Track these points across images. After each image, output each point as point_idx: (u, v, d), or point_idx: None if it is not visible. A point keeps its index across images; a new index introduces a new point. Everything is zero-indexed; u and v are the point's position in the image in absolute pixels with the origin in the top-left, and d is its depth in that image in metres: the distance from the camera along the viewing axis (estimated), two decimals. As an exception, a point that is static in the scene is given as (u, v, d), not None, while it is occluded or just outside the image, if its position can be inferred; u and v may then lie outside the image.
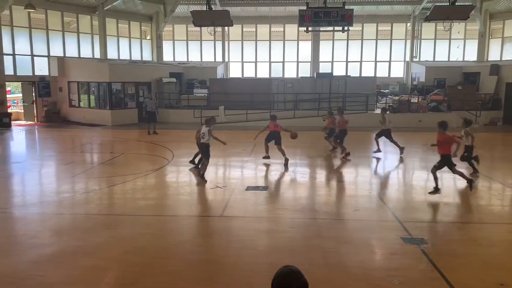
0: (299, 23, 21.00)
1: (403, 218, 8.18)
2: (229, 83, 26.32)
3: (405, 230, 7.55)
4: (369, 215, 8.57)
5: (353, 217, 8.42)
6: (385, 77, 29.49)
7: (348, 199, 9.92)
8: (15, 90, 31.42)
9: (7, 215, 8.66)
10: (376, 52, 30.07)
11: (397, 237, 7.21)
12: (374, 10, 29.08)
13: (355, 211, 8.73)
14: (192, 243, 7.11)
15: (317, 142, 17.85)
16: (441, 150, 9.58)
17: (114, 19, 27.68)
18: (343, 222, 8.24)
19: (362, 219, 8.31)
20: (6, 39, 22.16)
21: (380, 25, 29.90)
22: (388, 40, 30.14)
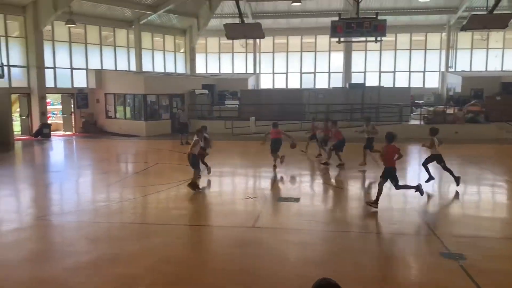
0: (331, 34, 20.91)
1: (441, 233, 7.93)
2: (260, 94, 26.46)
3: (443, 245, 7.31)
4: (405, 228, 8.35)
5: (388, 231, 8.23)
6: (419, 87, 28.92)
7: (382, 212, 9.70)
8: (55, 102, 32.61)
9: (46, 222, 8.94)
10: (410, 62, 29.59)
11: (435, 252, 6.99)
12: (407, 20, 28.69)
13: (390, 225, 8.53)
14: (225, 253, 7.12)
15: (350, 154, 17.61)
16: (386, 163, 9.44)
17: (149, 33, 28.45)
18: (377, 235, 8.07)
19: (397, 232, 8.10)
20: (48, 53, 23.11)
21: (414, 35, 29.45)
22: (423, 50, 29.62)
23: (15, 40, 22.08)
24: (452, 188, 12.28)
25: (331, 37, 21.65)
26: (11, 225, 8.63)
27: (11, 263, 6.78)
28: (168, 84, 25.10)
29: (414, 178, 13.65)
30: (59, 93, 25.26)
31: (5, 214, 9.43)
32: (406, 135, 21.37)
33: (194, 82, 26.81)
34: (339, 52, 29.68)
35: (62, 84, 24.16)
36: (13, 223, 8.74)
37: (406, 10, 27.50)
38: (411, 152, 19.11)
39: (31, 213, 9.66)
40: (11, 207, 10.23)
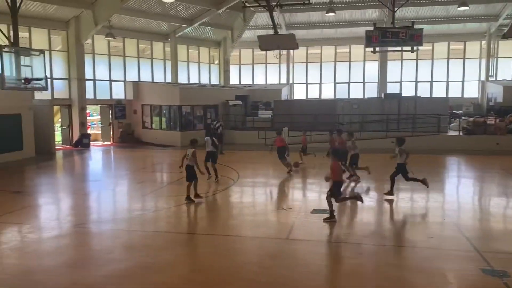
0: (365, 43, 20.71)
1: (483, 248, 7.61)
2: (293, 104, 26.43)
3: (485, 261, 7.02)
4: (444, 243, 8.07)
5: (426, 245, 7.96)
6: (458, 97, 28.10)
7: (419, 226, 9.43)
8: (94, 113, 33.69)
9: (85, 230, 9.20)
10: (448, 71, 28.84)
11: (476, 268, 6.71)
12: (445, 28, 28.07)
13: (428, 239, 8.26)
14: (258, 264, 7.09)
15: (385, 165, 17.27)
16: (333, 177, 9.41)
17: (185, 45, 29.08)
18: (414, 250, 7.82)
19: (436, 247, 7.83)
20: (88, 65, 23.99)
21: (452, 43, 28.75)
22: (461, 59, 28.82)
23: (58, 53, 23.06)
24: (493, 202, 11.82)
25: (366, 47, 21.41)
26: (52, 232, 8.93)
27: (51, 269, 7.00)
28: (203, 95, 25.50)
29: (452, 190, 13.23)
30: (98, 104, 26.10)
31: (46, 222, 9.79)
32: (445, 147, 20.81)
33: (228, 93, 27.12)
34: (374, 62, 29.32)
35: (101, 96, 24.98)
36: (53, 230, 9.05)
37: (443, 18, 26.90)
38: (449, 164, 18.56)
39: (71, 220, 9.97)
40: (52, 215, 10.60)
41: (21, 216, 10.13)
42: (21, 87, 15.18)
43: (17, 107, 18.59)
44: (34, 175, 16.37)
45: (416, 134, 21.53)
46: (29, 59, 15.39)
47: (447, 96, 27.33)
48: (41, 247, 8.08)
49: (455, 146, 20.80)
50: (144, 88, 25.88)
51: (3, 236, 8.68)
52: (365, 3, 26.10)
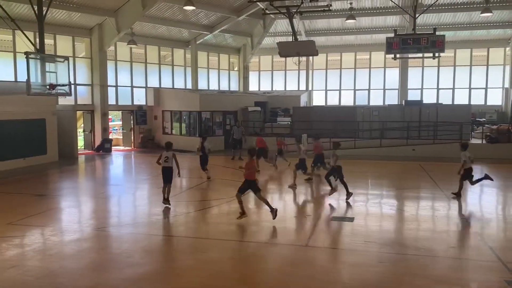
0: (386, 50, 20.55)
1: (507, 259, 7.43)
2: (312, 111, 26.34)
3: (509, 271, 6.85)
4: (466, 253, 7.92)
5: (448, 255, 7.82)
6: (481, 104, 27.57)
7: (441, 235, 9.26)
8: (115, 118, 34.22)
9: (106, 233, 9.34)
10: (471, 78, 28.33)
11: (500, 279, 6.55)
12: (468, 35, 27.64)
13: (450, 248, 8.11)
14: (278, 271, 7.07)
15: (406, 173, 17.06)
16: (247, 176, 9.69)
17: (205, 52, 29.37)
18: (436, 259, 7.68)
19: (458, 257, 7.70)
20: (111, 72, 24.44)
21: (475, 50, 28.24)
22: (484, 66, 28.28)
23: (82, 60, 23.57)
24: (519, 212, 11.55)
25: (387, 54, 21.24)
26: (73, 235, 9.09)
27: (73, 271, 7.12)
28: (222, 101, 25.67)
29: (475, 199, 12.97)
30: (120, 110, 26.52)
31: (69, 225, 9.97)
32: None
33: (247, 99, 27.23)
34: (394, 69, 29.04)
35: (123, 102, 25.39)
36: (75, 233, 9.21)
37: (466, 25, 26.49)
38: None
39: (92, 224, 10.12)
40: (74, 218, 10.80)
41: (44, 218, 10.35)
42: (46, 92, 15.51)
43: (42, 112, 19.06)
44: (57, 178, 16.71)
45: (437, 142, 21.21)
46: (54, 65, 15.73)
47: (469, 103, 26.84)
48: (63, 249, 8.23)
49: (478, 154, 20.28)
50: (165, 94, 26.20)
51: (27, 238, 8.87)
52: (385, 9, 25.93)
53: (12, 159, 17.57)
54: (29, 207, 11.34)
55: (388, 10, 25.81)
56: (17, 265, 7.29)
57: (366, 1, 25.55)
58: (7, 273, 6.98)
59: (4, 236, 8.85)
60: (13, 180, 15.32)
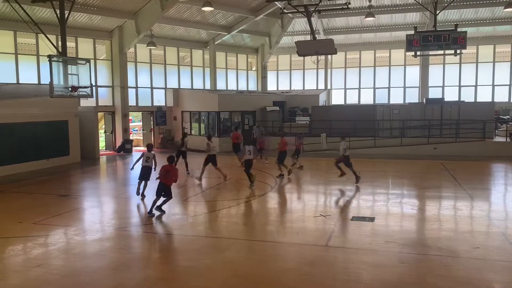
0: (406, 48, 20.27)
1: (533, 260, 7.25)
2: (331, 110, 26.18)
3: (536, 273, 6.68)
4: (491, 254, 7.74)
5: (472, 255, 7.67)
6: (504, 102, 26.94)
7: (464, 235, 9.09)
8: (135, 119, 34.66)
9: (127, 233, 9.47)
10: (494, 75, 27.70)
11: (527, 281, 6.40)
12: (490, 31, 27.03)
13: (474, 249, 7.95)
14: (298, 271, 7.06)
15: (427, 172, 16.81)
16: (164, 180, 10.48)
17: (223, 53, 29.50)
18: (460, 260, 7.54)
19: (482, 258, 7.53)
20: (131, 73, 24.77)
21: (498, 46, 27.60)
22: (508, 62, 27.61)
23: (102, 62, 23.94)
24: (545, 212, 11.26)
25: (407, 51, 20.96)
26: (96, 234, 9.25)
27: (96, 270, 7.25)
28: (240, 101, 25.75)
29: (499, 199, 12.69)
30: (140, 111, 26.85)
31: (91, 224, 10.15)
32: (491, 153, 20.01)
33: (265, 99, 27.23)
34: (415, 66, 28.61)
35: (143, 103, 25.70)
36: (97, 233, 9.37)
37: (489, 20, 25.93)
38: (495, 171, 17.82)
39: (113, 224, 10.27)
40: (96, 218, 10.99)
41: (67, 218, 10.56)
42: (68, 94, 15.82)
43: (64, 114, 19.45)
44: (79, 179, 17.02)
45: (459, 140, 20.83)
46: (75, 67, 16.02)
47: (493, 100, 26.29)
48: (86, 249, 8.38)
49: (502, 153, 19.93)
50: (184, 95, 26.41)
51: (52, 237, 9.07)
52: (405, 6, 25.58)
53: (37, 160, 17.97)
54: (53, 207, 11.59)
55: (408, 7, 25.45)
56: (42, 264, 7.45)
57: (385, -1, 25.26)
58: (33, 271, 7.15)
59: (30, 236, 9.07)
60: (37, 181, 15.67)
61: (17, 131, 17.22)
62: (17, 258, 7.91)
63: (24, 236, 9.08)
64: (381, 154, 20.97)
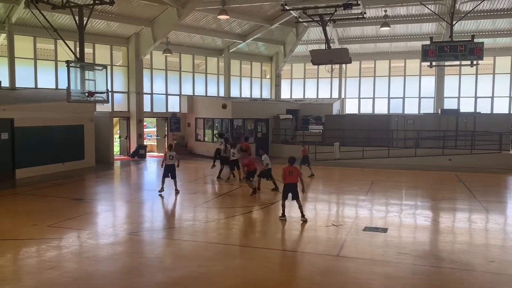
0: (422, 58, 20.14)
1: (550, 276, 7.10)
2: (345, 119, 26.08)
3: (552, 289, 6.54)
4: (507, 268, 7.61)
5: (487, 269, 7.55)
6: (522, 113, 26.53)
7: (479, 248, 8.94)
8: (150, 125, 34.97)
9: (139, 238, 9.54)
10: (511, 86, 27.33)
11: (543, 297, 6.27)
12: (508, 42, 26.74)
13: (489, 263, 7.83)
14: (309, 281, 7.02)
15: (442, 183, 16.61)
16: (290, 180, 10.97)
17: (238, 60, 29.69)
18: (474, 273, 7.43)
19: (498, 272, 7.41)
20: (146, 80, 25.06)
21: (516, 57, 27.25)
22: (526, 73, 27.23)
23: (119, 68, 24.29)
24: None
25: (422, 61, 20.81)
26: (108, 239, 9.34)
27: (108, 274, 7.32)
28: (254, 109, 25.83)
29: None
30: (154, 117, 27.11)
31: (104, 228, 10.25)
32: (507, 165, 19.71)
33: (279, 107, 27.28)
34: (430, 77, 28.39)
35: (158, 109, 25.95)
36: (110, 237, 9.45)
37: (506, 31, 25.66)
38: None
39: (126, 228, 10.36)
40: (109, 222, 11.09)
41: (81, 222, 10.68)
42: (84, 100, 16.06)
43: (80, 119, 19.74)
44: (94, 183, 17.22)
45: (475, 152, 20.56)
46: (92, 73, 16.27)
47: (509, 112, 25.91)
48: (99, 252, 8.46)
49: (519, 166, 19.63)
50: (198, 101, 26.61)
51: (65, 240, 9.18)
52: (421, 17, 25.46)
53: (52, 164, 18.25)
54: (67, 211, 11.73)
55: (424, 17, 25.33)
56: (56, 266, 7.55)
57: (401, 9, 25.17)
58: (46, 273, 7.24)
59: (44, 238, 9.20)
60: (53, 184, 15.89)
61: (34, 135, 17.52)
62: (31, 260, 8.02)
63: (38, 238, 9.21)
64: (394, 164, 20.80)
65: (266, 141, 25.32)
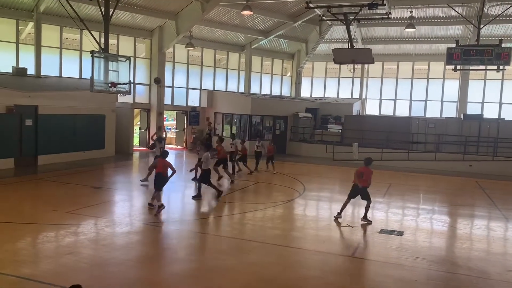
0: (446, 61, 19.79)
1: None
2: (365, 120, 25.85)
3: None
4: (524, 278, 7.46)
5: (504, 278, 7.41)
6: (548, 122, 25.83)
7: (497, 256, 8.78)
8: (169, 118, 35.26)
9: (155, 228, 9.67)
10: (538, 93, 26.64)
11: (561, 310, 6.13)
12: (537, 47, 26.02)
13: (507, 272, 7.69)
14: (322, 280, 7.01)
15: (461, 189, 16.34)
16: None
17: (259, 57, 29.66)
18: (490, 282, 7.31)
19: (514, 282, 7.27)
20: (168, 73, 25.27)
21: (544, 64, 26.51)
22: (555, 81, 26.50)
23: (141, 60, 24.54)
24: None
25: (447, 65, 20.44)
26: (125, 227, 9.48)
27: (123, 262, 7.44)
28: (273, 106, 25.79)
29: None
30: (174, 110, 27.33)
31: (121, 218, 10.41)
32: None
33: (298, 105, 27.18)
34: (454, 80, 27.87)
35: (178, 102, 26.15)
36: (126, 226, 9.60)
37: (536, 36, 25.01)
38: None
39: (143, 218, 10.50)
40: (126, 211, 11.27)
41: (99, 210, 10.88)
42: (107, 90, 16.30)
43: (102, 109, 20.04)
44: (113, 172, 17.49)
45: (497, 159, 20.14)
46: (116, 64, 16.49)
47: (535, 119, 25.25)
48: (115, 240, 8.61)
49: (542, 175, 19.15)
50: (218, 96, 26.71)
51: (84, 227, 9.36)
52: (447, 19, 24.99)
53: (73, 152, 18.59)
54: (86, 198, 11.96)
55: (450, 19, 24.86)
56: (73, 252, 7.71)
57: (427, 10, 24.76)
58: (64, 258, 7.41)
59: (63, 224, 9.40)
60: (73, 172, 16.20)
61: (57, 122, 17.85)
62: (50, 245, 8.21)
63: (57, 224, 9.42)
64: (414, 168, 20.54)
65: (283, 139, 25.27)
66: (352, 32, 21.26)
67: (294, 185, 15.31)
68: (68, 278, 6.44)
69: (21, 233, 8.76)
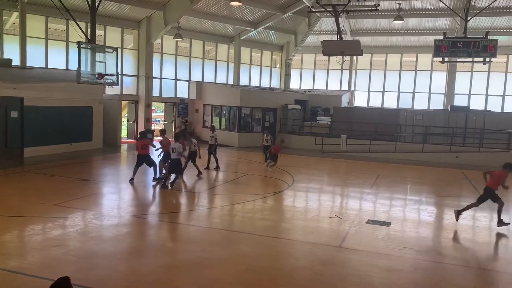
0: (434, 53, 19.97)
1: (552, 276, 7.10)
2: (353, 112, 25.99)
3: (554, 290, 6.54)
4: (509, 266, 7.61)
5: (489, 267, 7.55)
6: (533, 113, 26.22)
7: (481, 246, 8.94)
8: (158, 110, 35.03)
9: (143, 220, 9.64)
10: (524, 85, 27.00)
11: (544, 297, 6.27)
12: (523, 40, 26.35)
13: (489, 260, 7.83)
14: (311, 270, 7.07)
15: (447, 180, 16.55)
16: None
17: (248, 48, 29.55)
18: (475, 270, 7.44)
19: (499, 270, 7.41)
20: (156, 64, 25.05)
21: (529, 56, 26.88)
22: (540, 73, 26.86)
23: (129, 51, 24.29)
24: None
25: (434, 57, 20.66)
26: (113, 220, 9.44)
27: (111, 254, 7.41)
28: (262, 98, 25.77)
29: None
30: (163, 102, 27.15)
31: (109, 210, 10.36)
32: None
33: (287, 97, 27.20)
34: (441, 72, 28.11)
35: (167, 94, 25.98)
36: (115, 219, 9.56)
37: (521, 29, 25.29)
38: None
39: (131, 211, 10.45)
40: (114, 204, 11.21)
41: (87, 202, 10.80)
42: (94, 81, 16.13)
43: (89, 100, 19.82)
44: (100, 165, 17.36)
45: (483, 150, 20.42)
46: (103, 55, 16.32)
47: (521, 111, 25.62)
48: (103, 233, 8.57)
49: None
50: (207, 88, 26.59)
51: (71, 220, 9.29)
52: (435, 11, 25.17)
53: (60, 144, 18.39)
54: (74, 191, 11.86)
55: (438, 12, 25.03)
56: (60, 244, 7.66)
57: (415, 2, 24.88)
58: (51, 250, 7.36)
59: (51, 216, 9.32)
60: (60, 164, 16.03)
61: (43, 114, 17.63)
62: (37, 237, 8.14)
63: (44, 216, 9.33)
64: (401, 159, 20.74)
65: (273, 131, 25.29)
66: (341, 24, 21.28)
67: (283, 176, 15.36)
68: (56, 270, 6.39)
69: (7, 226, 8.66)
